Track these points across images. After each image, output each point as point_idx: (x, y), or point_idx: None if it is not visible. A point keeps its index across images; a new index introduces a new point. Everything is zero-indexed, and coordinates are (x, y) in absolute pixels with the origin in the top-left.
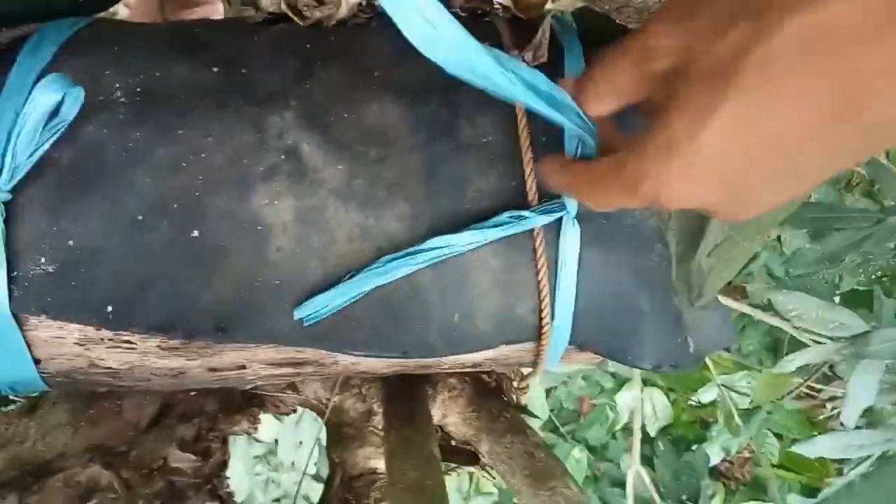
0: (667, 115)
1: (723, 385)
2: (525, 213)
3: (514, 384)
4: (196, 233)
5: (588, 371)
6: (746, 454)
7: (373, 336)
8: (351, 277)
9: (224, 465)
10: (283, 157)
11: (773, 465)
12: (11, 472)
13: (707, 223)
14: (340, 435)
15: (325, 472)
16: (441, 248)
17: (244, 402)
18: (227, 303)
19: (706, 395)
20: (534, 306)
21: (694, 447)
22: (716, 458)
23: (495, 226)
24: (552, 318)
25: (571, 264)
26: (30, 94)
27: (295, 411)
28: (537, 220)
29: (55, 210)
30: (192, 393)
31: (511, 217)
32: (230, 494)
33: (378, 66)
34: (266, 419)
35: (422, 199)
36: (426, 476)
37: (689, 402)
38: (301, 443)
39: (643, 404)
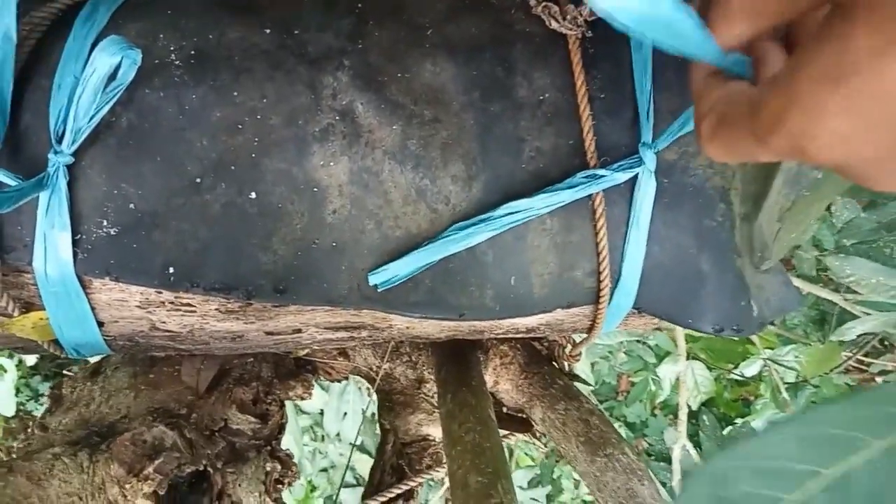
0: (839, 31)
1: (768, 359)
2: (601, 171)
3: (566, 351)
4: (254, 194)
5: (630, 346)
6: None
7: (429, 298)
8: (425, 245)
9: (282, 428)
10: (337, 117)
11: None
12: (80, 432)
13: (771, 182)
14: (391, 402)
15: (369, 443)
16: (516, 213)
17: (297, 370)
18: (285, 264)
19: (749, 369)
20: (592, 269)
21: (737, 422)
22: None
23: (570, 187)
24: (618, 279)
25: (644, 222)
26: (88, 58)
27: (346, 378)
28: (615, 178)
29: (116, 173)
30: (248, 359)
31: (586, 177)
32: (289, 456)
33: (431, 23)
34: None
35: (478, 159)
36: (484, 438)
37: (731, 377)
38: (346, 414)
39: (686, 377)
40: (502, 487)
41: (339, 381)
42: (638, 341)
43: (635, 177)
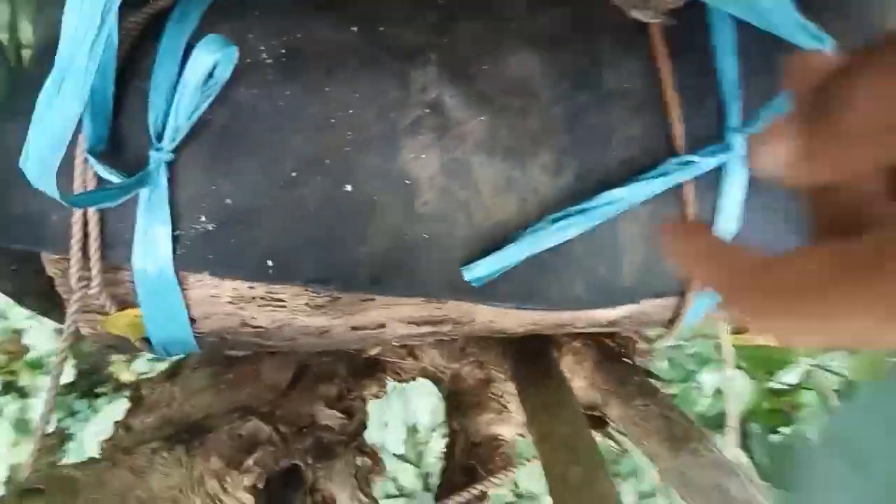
0: None
1: (815, 365)
2: (691, 157)
3: (639, 347)
4: (349, 187)
5: (672, 353)
6: None
7: (520, 289)
8: (520, 238)
9: (364, 424)
10: (427, 110)
11: None
12: (167, 430)
13: None
14: (459, 402)
15: (411, 454)
16: (611, 203)
17: (367, 369)
18: (379, 255)
19: (789, 376)
20: None
21: (785, 430)
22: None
23: (662, 174)
24: None
25: (733, 208)
26: (183, 59)
27: (414, 379)
28: (705, 164)
29: (212, 170)
30: (325, 358)
31: (678, 164)
32: (375, 451)
33: (516, 16)
34: None
35: (567, 149)
36: (576, 431)
37: (769, 386)
38: (387, 424)
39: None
40: (603, 475)
41: (406, 381)
42: (682, 349)
43: (724, 163)
